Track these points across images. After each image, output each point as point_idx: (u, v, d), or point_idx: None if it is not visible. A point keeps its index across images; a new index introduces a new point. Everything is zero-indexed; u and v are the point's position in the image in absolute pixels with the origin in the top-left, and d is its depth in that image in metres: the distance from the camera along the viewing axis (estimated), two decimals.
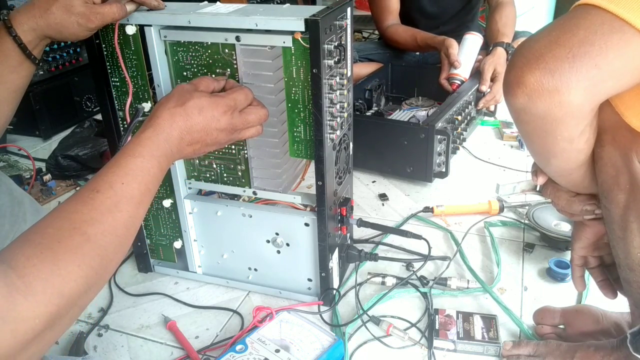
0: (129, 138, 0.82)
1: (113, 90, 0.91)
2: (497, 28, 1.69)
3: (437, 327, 0.90)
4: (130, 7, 0.82)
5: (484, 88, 1.59)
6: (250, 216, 0.95)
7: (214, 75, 0.85)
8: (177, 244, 1.03)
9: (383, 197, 1.35)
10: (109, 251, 0.57)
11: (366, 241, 1.15)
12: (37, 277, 0.50)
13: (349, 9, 0.86)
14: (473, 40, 1.61)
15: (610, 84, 0.55)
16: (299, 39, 0.77)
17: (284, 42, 0.79)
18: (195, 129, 0.70)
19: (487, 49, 1.71)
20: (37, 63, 0.79)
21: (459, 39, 1.94)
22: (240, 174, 0.92)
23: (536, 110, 0.56)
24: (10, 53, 0.76)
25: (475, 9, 1.93)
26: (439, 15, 1.88)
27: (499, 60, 1.59)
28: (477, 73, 1.62)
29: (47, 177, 1.45)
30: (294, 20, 0.76)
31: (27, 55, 0.77)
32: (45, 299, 0.50)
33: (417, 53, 1.91)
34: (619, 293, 0.78)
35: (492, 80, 1.59)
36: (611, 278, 0.79)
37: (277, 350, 0.81)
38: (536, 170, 0.74)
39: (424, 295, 0.98)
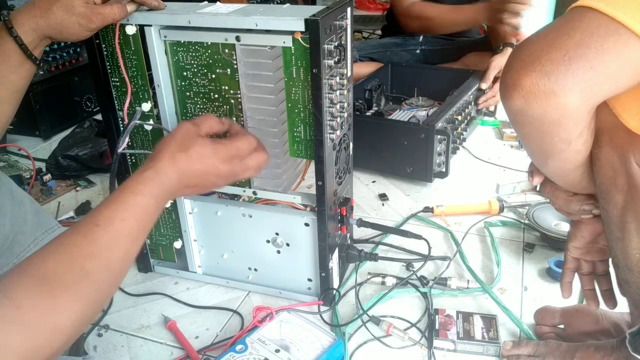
0: (126, 140, 0.83)
1: (113, 90, 0.91)
2: (503, 29, 1.68)
3: (437, 327, 0.90)
4: (130, 7, 0.82)
5: (484, 86, 1.59)
6: (250, 216, 0.95)
7: (214, 75, 0.85)
8: (177, 244, 1.03)
9: (383, 197, 1.35)
10: (104, 286, 0.58)
11: (366, 241, 1.15)
12: (34, 310, 0.50)
13: (349, 9, 0.86)
14: None
15: (606, 87, 0.55)
16: (299, 39, 0.77)
17: (284, 42, 0.79)
18: (196, 174, 0.71)
19: (493, 49, 1.71)
20: (38, 63, 0.79)
21: (456, 39, 1.93)
22: None
23: (532, 113, 0.56)
24: (11, 53, 0.76)
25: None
26: None
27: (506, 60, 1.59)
28: (480, 74, 1.62)
29: (47, 177, 1.45)
30: (294, 20, 0.76)
31: (28, 56, 0.77)
32: (40, 332, 0.50)
33: (417, 50, 1.90)
34: (618, 293, 0.78)
35: (496, 79, 1.59)
36: (599, 289, 0.80)
37: (277, 350, 0.81)
38: (532, 171, 0.74)
39: (424, 295, 0.98)
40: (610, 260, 0.74)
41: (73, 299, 0.53)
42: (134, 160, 0.98)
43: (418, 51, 1.97)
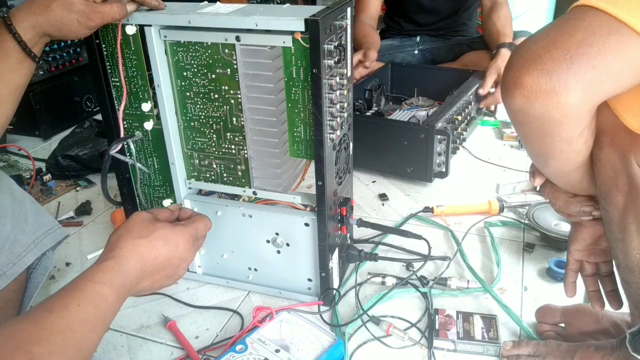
0: (120, 146, 0.84)
1: (113, 90, 0.91)
2: (496, 29, 1.69)
3: (437, 327, 0.90)
4: (130, 7, 0.82)
5: (481, 92, 1.58)
6: (250, 216, 0.95)
7: (214, 75, 0.85)
8: None
9: (383, 197, 1.35)
10: None
11: (366, 241, 1.15)
12: None
13: (349, 9, 0.86)
14: None
15: (608, 86, 0.55)
16: (299, 39, 0.77)
17: (284, 42, 0.79)
18: (159, 260, 0.70)
19: (488, 50, 1.71)
20: (37, 61, 0.79)
21: (453, 38, 1.95)
22: (240, 174, 0.92)
23: (534, 112, 0.56)
24: (10, 51, 0.76)
25: (473, 6, 1.92)
26: (437, 9, 1.88)
27: (503, 63, 1.59)
28: (480, 74, 1.62)
29: (47, 177, 1.45)
30: (294, 20, 0.76)
31: (27, 53, 0.77)
32: None
33: (415, 51, 1.93)
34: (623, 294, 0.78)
35: (495, 83, 1.59)
36: (603, 290, 0.79)
37: (277, 350, 0.81)
38: (534, 171, 0.74)
39: (424, 295, 0.98)
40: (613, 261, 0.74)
41: None
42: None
43: (416, 52, 1.97)
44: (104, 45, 0.87)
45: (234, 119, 0.88)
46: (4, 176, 0.82)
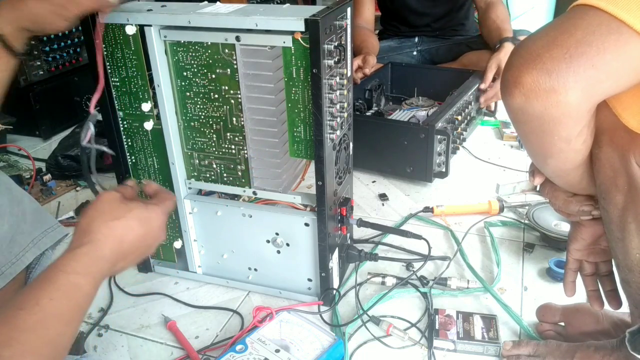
0: (89, 134, 0.79)
1: (113, 90, 0.91)
2: (496, 26, 1.69)
3: (437, 327, 0.90)
4: None
5: (484, 86, 1.59)
6: (250, 216, 0.95)
7: (214, 75, 0.85)
8: (177, 244, 1.03)
9: (383, 197, 1.35)
10: None
11: (366, 241, 1.15)
12: None
13: (349, 9, 0.86)
14: None
15: (607, 85, 0.55)
16: (299, 39, 0.77)
17: (284, 42, 0.79)
18: (135, 240, 0.67)
19: (490, 48, 1.71)
20: (21, 55, 0.77)
21: (452, 38, 1.94)
22: (240, 174, 0.92)
23: (533, 110, 0.56)
24: None
25: (466, 5, 1.91)
26: (427, 12, 1.88)
27: (505, 56, 1.56)
28: (480, 74, 1.62)
29: (47, 177, 1.45)
30: (294, 20, 0.76)
31: (7, 48, 0.75)
32: None
33: (414, 52, 1.94)
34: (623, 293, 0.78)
35: (497, 76, 1.59)
36: (603, 290, 0.79)
37: (277, 350, 0.81)
38: (533, 171, 0.74)
39: (424, 295, 0.98)
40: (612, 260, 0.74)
41: None
42: (134, 160, 0.98)
43: (415, 52, 1.97)
44: (104, 45, 0.87)
45: (234, 119, 0.88)
46: (3, 175, 0.82)
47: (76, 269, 0.59)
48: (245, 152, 0.90)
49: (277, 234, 0.95)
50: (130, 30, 0.84)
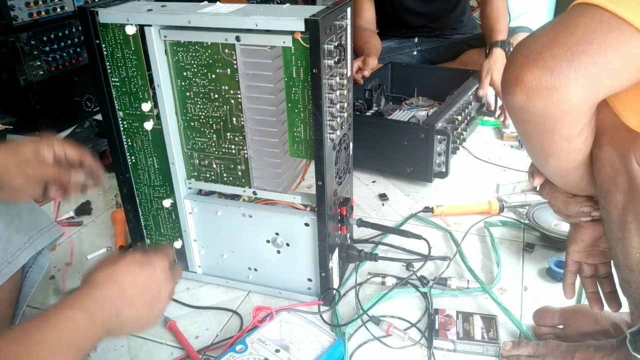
0: None
1: (113, 90, 0.91)
2: (490, 25, 1.67)
3: (437, 327, 0.90)
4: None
5: (481, 93, 1.58)
6: (250, 216, 0.95)
7: (214, 75, 0.85)
8: (177, 244, 1.03)
9: (383, 197, 1.35)
10: None
11: (366, 241, 1.15)
12: None
13: (349, 9, 0.86)
14: None
15: (608, 83, 0.55)
16: (299, 39, 0.77)
17: (284, 42, 0.79)
18: (137, 282, 0.65)
19: (484, 47, 1.71)
20: None
21: (451, 37, 1.93)
22: (240, 174, 0.92)
23: (534, 109, 0.56)
24: None
25: (462, 2, 1.90)
26: (423, 11, 1.88)
27: (495, 64, 1.57)
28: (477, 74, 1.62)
29: None
30: (294, 20, 0.76)
31: None
32: None
33: (414, 52, 1.94)
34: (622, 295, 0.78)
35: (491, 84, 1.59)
36: (602, 292, 0.79)
37: (277, 350, 0.81)
38: (533, 172, 0.74)
39: (424, 295, 0.98)
40: (612, 261, 0.74)
41: None
42: (134, 160, 0.98)
43: (415, 52, 1.97)
44: (104, 46, 0.87)
45: (234, 119, 0.88)
46: None
47: (72, 305, 0.58)
48: (245, 152, 0.90)
49: (277, 234, 0.95)
50: (130, 30, 0.84)
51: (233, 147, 0.90)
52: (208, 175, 0.95)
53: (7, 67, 1.66)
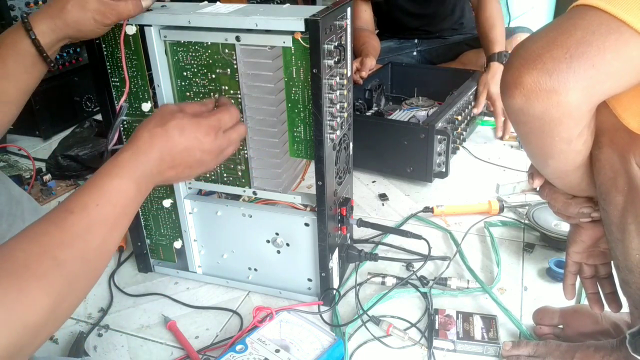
0: (116, 136, 0.83)
1: (113, 90, 0.91)
2: (485, 33, 1.63)
3: (437, 327, 0.90)
4: (146, 2, 0.81)
5: (477, 111, 1.57)
6: (250, 216, 0.95)
7: (214, 75, 0.85)
8: (177, 244, 1.03)
9: (383, 197, 1.35)
10: (79, 278, 0.54)
11: (366, 241, 1.15)
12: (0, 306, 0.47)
13: (349, 9, 0.86)
14: None
15: (608, 85, 0.55)
16: (299, 39, 0.77)
17: (284, 42, 0.79)
18: (176, 150, 0.67)
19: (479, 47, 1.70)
20: (51, 64, 0.79)
21: (451, 38, 1.93)
22: (240, 174, 0.92)
23: (534, 111, 0.56)
24: (26, 54, 0.76)
25: (459, 5, 1.89)
26: (418, 12, 1.87)
27: (492, 78, 1.55)
28: (479, 74, 1.62)
29: (47, 177, 1.45)
30: (294, 20, 0.76)
31: (43, 57, 0.77)
32: (6, 329, 0.46)
33: (414, 52, 1.94)
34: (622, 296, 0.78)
35: (488, 100, 1.58)
36: (602, 293, 0.79)
37: (277, 350, 0.81)
38: (532, 173, 0.74)
39: (424, 295, 0.98)
40: (612, 262, 0.74)
41: (44, 292, 0.50)
42: None
43: (415, 53, 1.97)
44: (104, 45, 0.87)
45: None
46: (2, 175, 0.82)
47: (120, 174, 0.61)
48: (245, 152, 0.90)
49: (277, 234, 0.95)
50: (130, 30, 0.84)
51: None
52: (208, 175, 0.95)
53: None
